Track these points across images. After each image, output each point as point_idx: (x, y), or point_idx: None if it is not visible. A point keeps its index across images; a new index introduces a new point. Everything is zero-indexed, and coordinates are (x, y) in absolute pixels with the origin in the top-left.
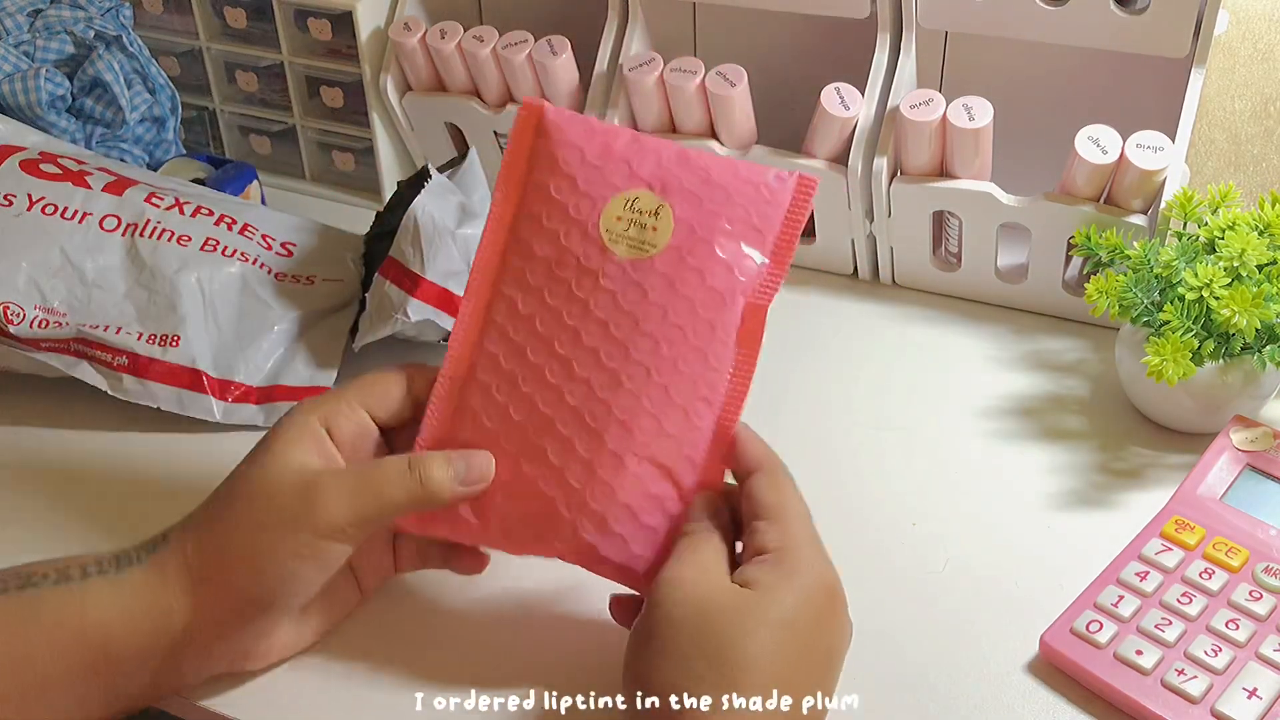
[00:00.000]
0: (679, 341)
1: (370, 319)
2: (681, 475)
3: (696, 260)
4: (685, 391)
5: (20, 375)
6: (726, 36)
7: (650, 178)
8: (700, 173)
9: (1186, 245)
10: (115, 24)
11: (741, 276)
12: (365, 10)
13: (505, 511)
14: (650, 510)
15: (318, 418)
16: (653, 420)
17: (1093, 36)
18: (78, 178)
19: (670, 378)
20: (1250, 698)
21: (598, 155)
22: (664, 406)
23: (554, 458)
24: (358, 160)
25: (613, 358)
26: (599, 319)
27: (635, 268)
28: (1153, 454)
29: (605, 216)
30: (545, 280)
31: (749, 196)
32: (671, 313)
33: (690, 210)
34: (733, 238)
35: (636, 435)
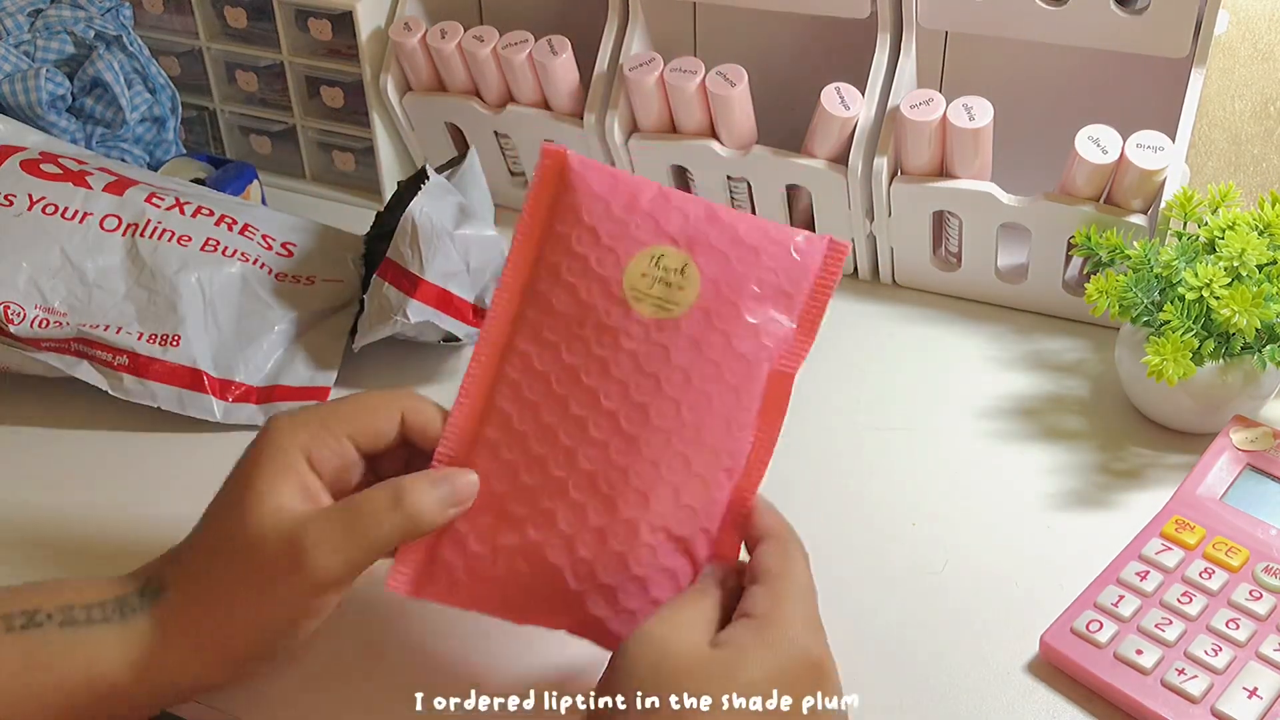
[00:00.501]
0: (702, 408)
1: (369, 320)
2: (697, 548)
3: (723, 323)
4: (706, 461)
5: (20, 375)
6: (727, 36)
7: (677, 234)
8: (728, 231)
9: (1186, 245)
10: (115, 24)
11: (768, 342)
12: (365, 10)
13: (507, 578)
14: (663, 584)
15: (299, 448)
16: (671, 490)
17: (1093, 36)
18: (78, 178)
19: (691, 446)
20: (1250, 697)
21: (623, 208)
22: (683, 476)
23: (564, 525)
24: (358, 160)
25: (632, 422)
26: (619, 380)
27: (659, 328)
28: (1153, 454)
29: (629, 273)
30: (563, 336)
31: (778, 258)
32: (696, 377)
33: (718, 269)
34: (761, 301)
35: (653, 505)
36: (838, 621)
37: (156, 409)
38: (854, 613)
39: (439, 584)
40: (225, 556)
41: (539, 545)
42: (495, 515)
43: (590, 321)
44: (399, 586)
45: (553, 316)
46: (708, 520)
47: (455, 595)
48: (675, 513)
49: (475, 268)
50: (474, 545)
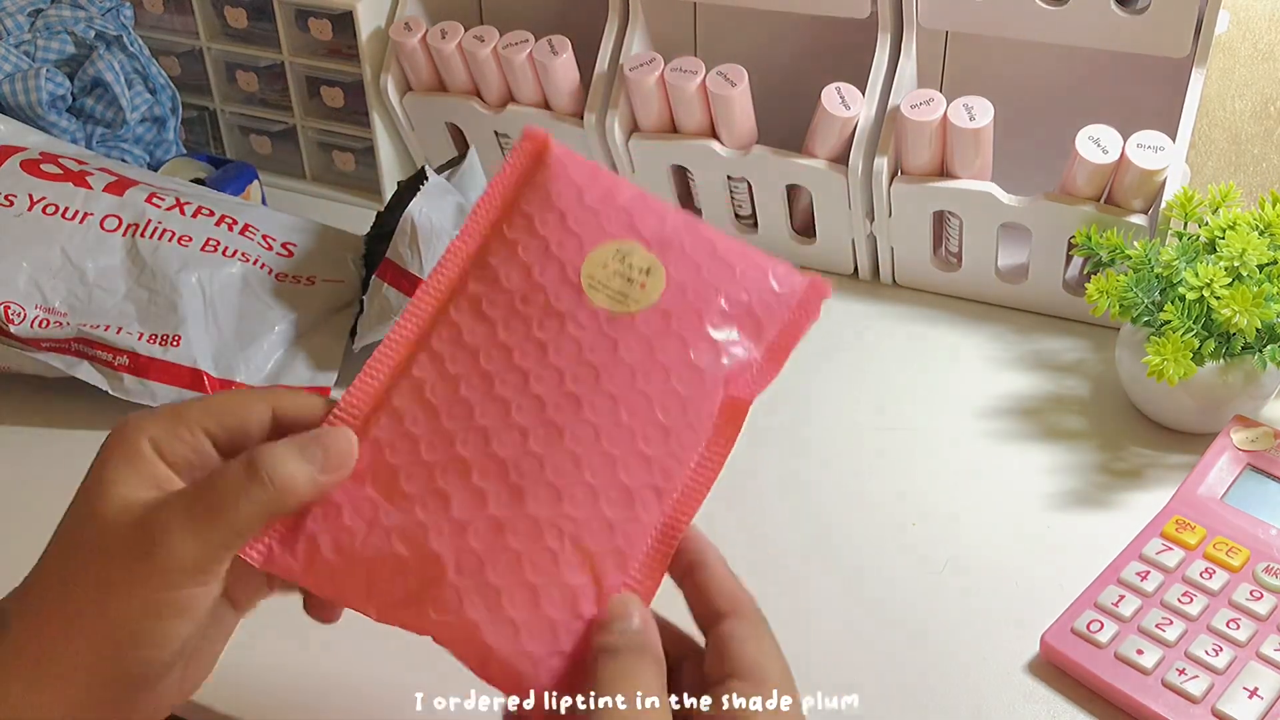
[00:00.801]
0: (642, 412)
1: (369, 321)
2: (606, 572)
3: (683, 329)
4: (636, 471)
5: (20, 375)
6: (727, 36)
7: (649, 235)
8: (706, 243)
9: (1187, 245)
10: (116, 24)
11: (728, 363)
12: (365, 10)
13: (377, 562)
14: (557, 602)
15: (147, 439)
16: (588, 493)
17: (1093, 36)
18: (78, 178)
19: (622, 449)
20: (1251, 697)
21: (597, 199)
22: (606, 480)
23: (458, 509)
24: (358, 160)
25: (560, 411)
26: (555, 366)
27: (612, 320)
28: (1153, 454)
29: (589, 261)
30: (504, 313)
31: (754, 281)
32: (641, 378)
33: (687, 276)
34: (728, 319)
35: (565, 506)
36: (837, 622)
37: None
38: (854, 612)
39: (297, 558)
40: (73, 563)
41: (423, 527)
42: (382, 489)
43: (536, 301)
44: (251, 556)
45: (497, 291)
46: (625, 541)
47: (313, 574)
48: (590, 522)
49: None
50: (348, 518)
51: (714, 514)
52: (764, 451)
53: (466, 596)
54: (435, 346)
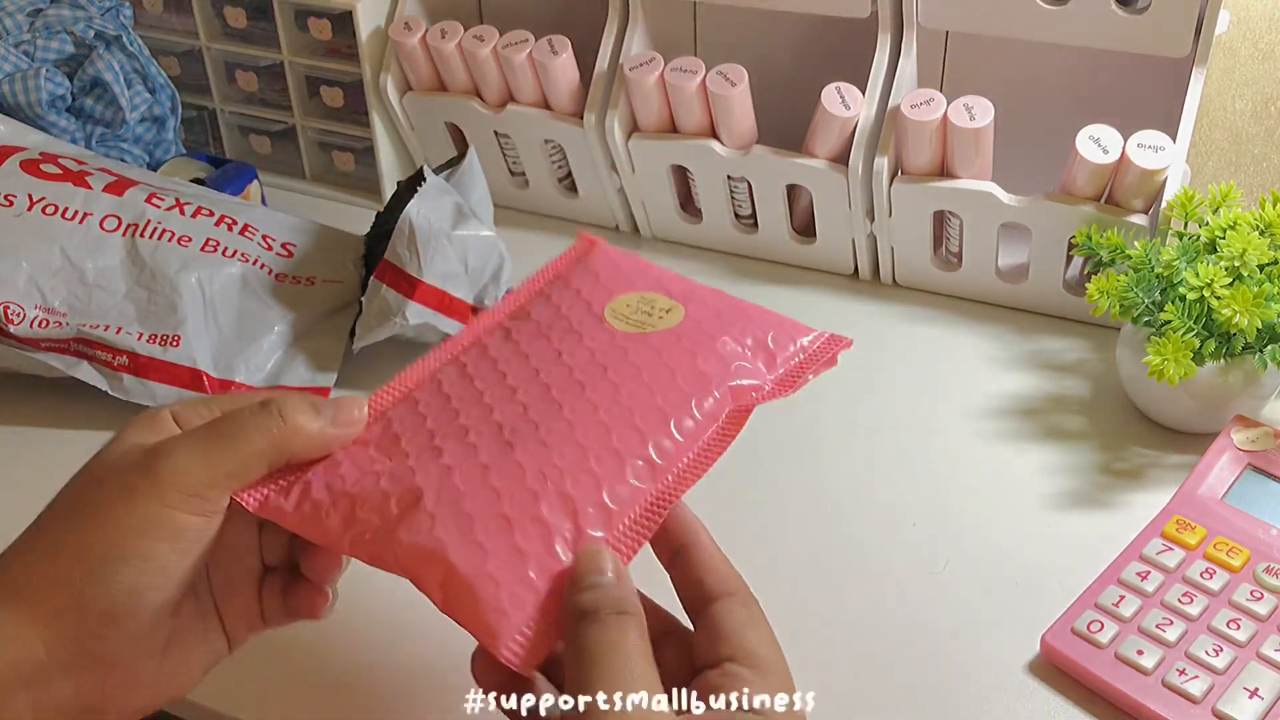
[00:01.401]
0: (641, 395)
1: (368, 322)
2: (588, 521)
3: (693, 345)
4: (630, 441)
5: (20, 375)
6: (727, 36)
7: (676, 291)
8: (731, 301)
9: (1187, 245)
10: (115, 24)
11: (736, 376)
12: (365, 10)
13: (361, 495)
14: (531, 535)
15: (168, 410)
16: (578, 451)
17: (1093, 36)
18: (78, 178)
19: (618, 422)
20: (1251, 698)
21: (631, 268)
22: (598, 445)
23: (448, 458)
24: (358, 160)
25: (564, 392)
26: (566, 365)
27: (625, 336)
28: (1153, 454)
29: (615, 302)
30: (528, 336)
31: (772, 326)
32: (646, 373)
33: (704, 315)
34: (741, 346)
35: (553, 456)
36: (837, 622)
37: None
38: (854, 612)
39: (288, 501)
40: (69, 494)
41: (411, 470)
42: (383, 450)
43: (559, 326)
44: (247, 501)
45: (525, 323)
46: (613, 499)
47: (299, 514)
48: (575, 472)
49: (474, 268)
50: (345, 469)
51: (714, 514)
52: (764, 451)
53: (439, 521)
54: (462, 359)
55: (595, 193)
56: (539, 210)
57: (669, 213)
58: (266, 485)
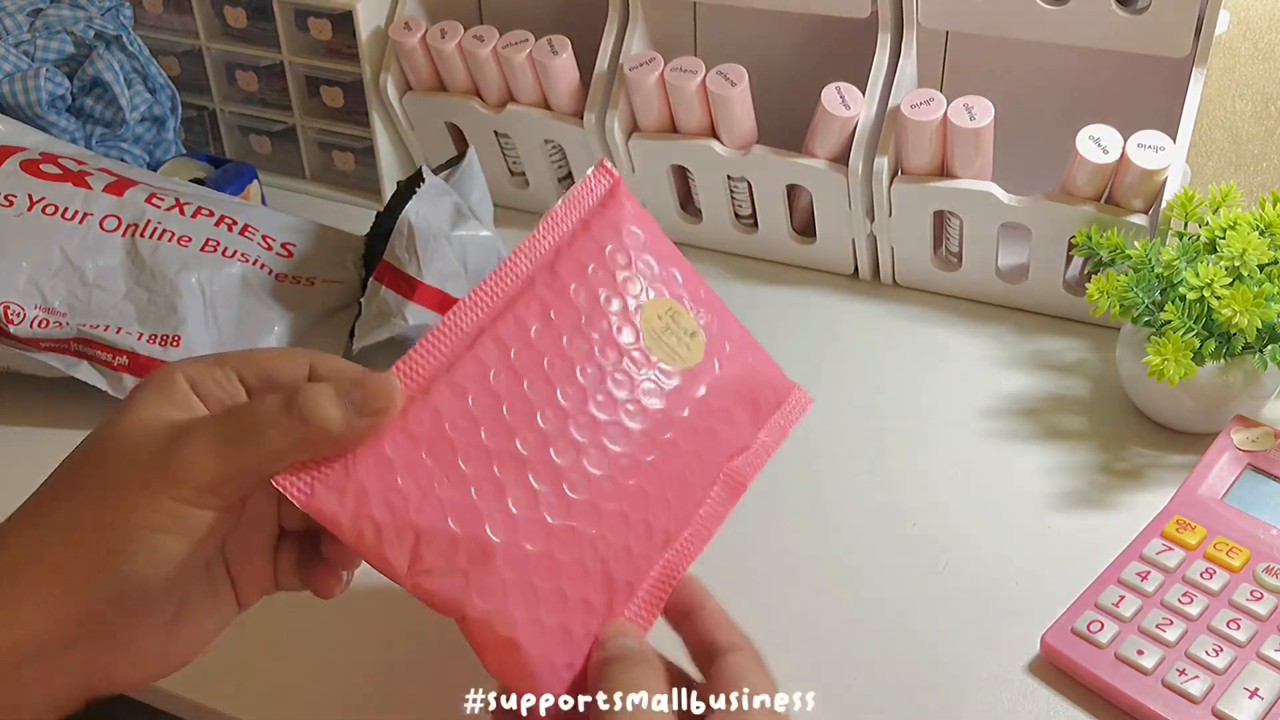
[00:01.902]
0: (675, 464)
1: (367, 323)
2: (618, 599)
3: (711, 413)
4: (660, 513)
5: (20, 375)
6: (727, 36)
7: (698, 303)
8: (739, 333)
9: (1187, 245)
10: (115, 23)
11: (735, 452)
12: (365, 10)
13: (429, 530)
14: (579, 618)
15: (182, 374)
16: (623, 523)
17: (1094, 36)
18: (78, 178)
19: (655, 492)
20: (1251, 698)
21: (660, 254)
22: (638, 516)
23: (514, 505)
24: (358, 160)
25: (615, 440)
26: (614, 397)
27: (663, 374)
28: (1153, 454)
29: (648, 308)
30: (568, 326)
31: (765, 375)
32: (683, 443)
33: (722, 364)
34: (746, 410)
35: (605, 530)
36: (837, 621)
37: None
38: (854, 613)
39: (345, 506)
40: (79, 472)
41: (478, 511)
42: (438, 461)
43: (599, 327)
44: (291, 492)
45: (564, 302)
46: (635, 575)
47: (358, 526)
48: (618, 549)
49: (473, 269)
50: (402, 481)
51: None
52: None
53: (511, 591)
54: (502, 335)
55: None
56: (539, 210)
57: (669, 213)
58: (309, 472)
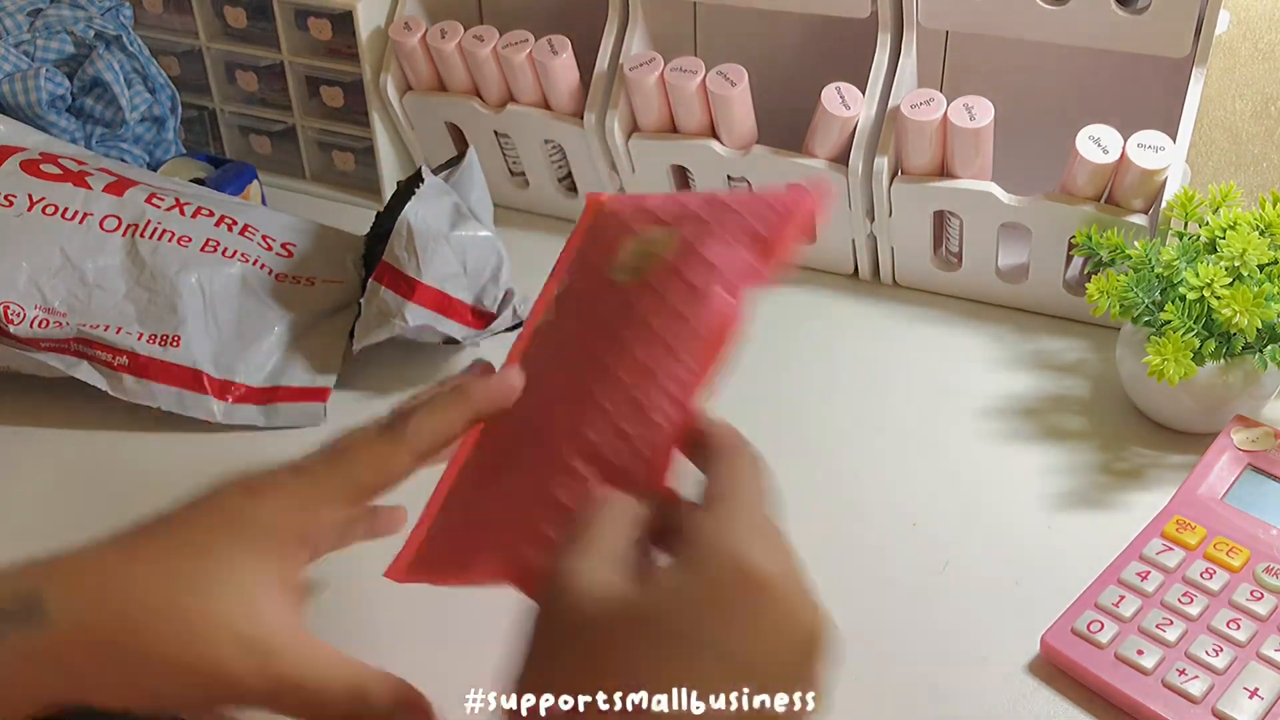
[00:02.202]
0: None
1: (367, 324)
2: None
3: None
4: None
5: (20, 375)
6: (727, 36)
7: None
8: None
9: (1187, 245)
10: (115, 23)
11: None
12: (365, 10)
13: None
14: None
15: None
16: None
17: (1093, 36)
18: (78, 178)
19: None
20: (1251, 697)
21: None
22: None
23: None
24: (358, 160)
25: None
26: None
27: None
28: (1153, 454)
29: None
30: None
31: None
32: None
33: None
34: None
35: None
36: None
37: (157, 409)
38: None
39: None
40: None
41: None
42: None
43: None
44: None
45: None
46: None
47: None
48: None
49: (472, 269)
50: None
51: None
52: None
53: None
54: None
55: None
56: (539, 210)
57: None
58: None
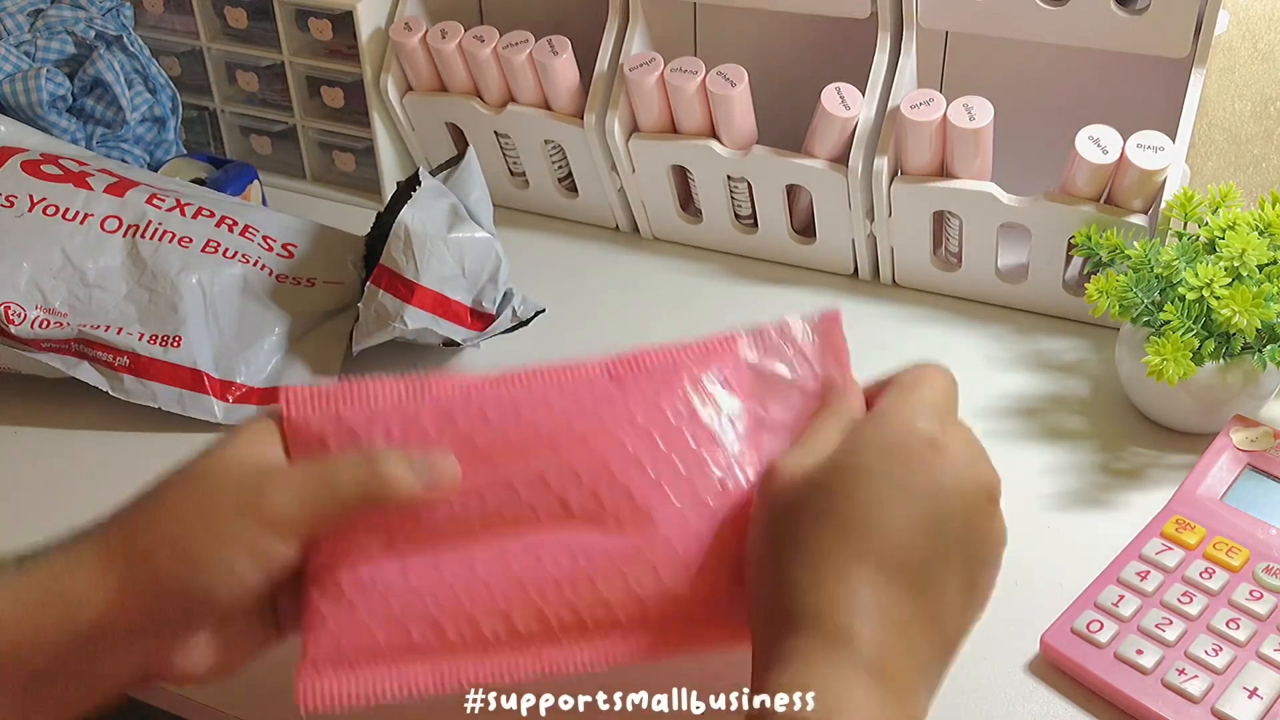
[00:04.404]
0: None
1: (366, 327)
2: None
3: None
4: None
5: (20, 375)
6: (727, 36)
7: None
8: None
9: (1187, 245)
10: (116, 24)
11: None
12: (366, 10)
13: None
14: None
15: (275, 425)
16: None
17: (1093, 36)
18: (79, 179)
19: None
20: (1251, 697)
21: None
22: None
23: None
24: (358, 160)
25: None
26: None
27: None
28: (1153, 454)
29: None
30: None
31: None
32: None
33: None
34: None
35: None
36: None
37: (157, 410)
38: None
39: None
40: (183, 486)
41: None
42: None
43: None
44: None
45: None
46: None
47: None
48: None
49: (471, 270)
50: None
51: None
52: None
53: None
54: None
55: (595, 193)
56: (539, 210)
57: (669, 213)
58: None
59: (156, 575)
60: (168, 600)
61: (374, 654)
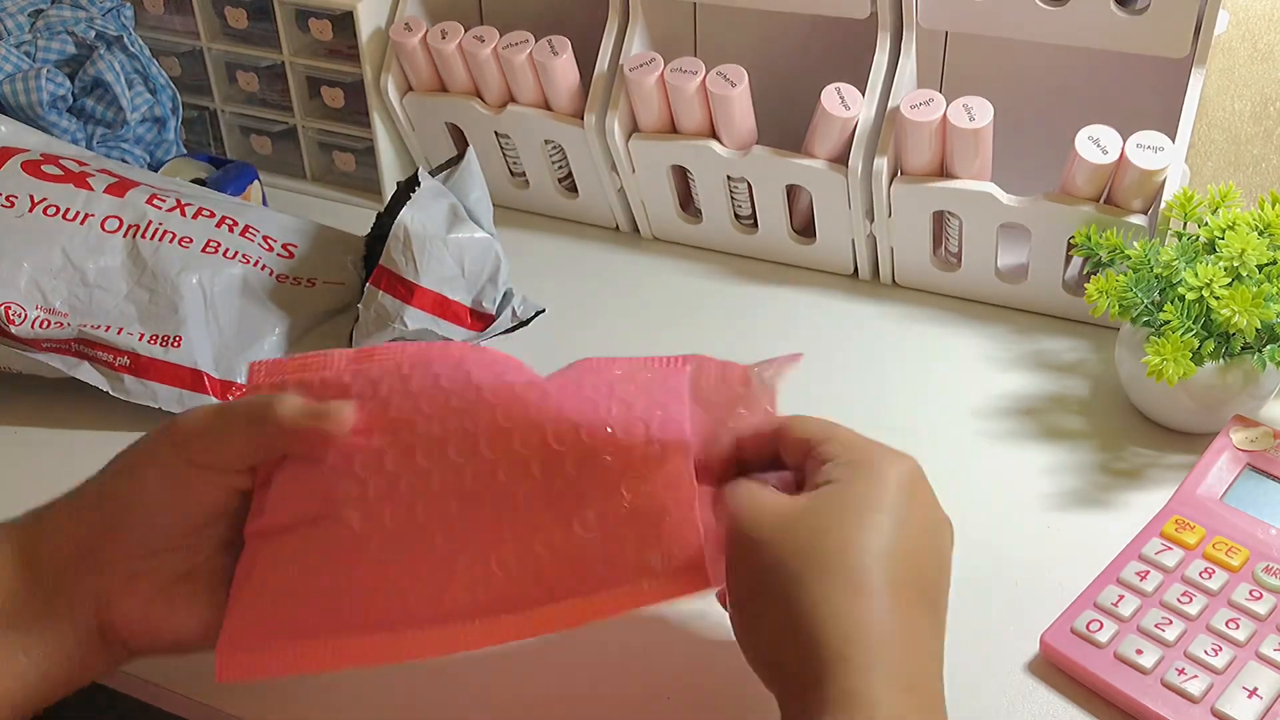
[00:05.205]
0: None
1: (366, 328)
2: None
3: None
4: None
5: (20, 375)
6: (727, 36)
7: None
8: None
9: (1186, 245)
10: (116, 24)
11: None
12: (366, 10)
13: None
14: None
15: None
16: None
17: (1093, 36)
18: (79, 179)
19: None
20: (1251, 697)
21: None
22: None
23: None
24: (358, 160)
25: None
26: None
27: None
28: (1153, 454)
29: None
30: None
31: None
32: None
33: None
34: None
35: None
36: None
37: (157, 410)
38: None
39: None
40: (116, 465)
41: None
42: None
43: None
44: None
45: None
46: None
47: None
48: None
49: (470, 271)
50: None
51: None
52: None
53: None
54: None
55: (595, 193)
56: (539, 210)
57: (669, 213)
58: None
59: (100, 490)
60: (94, 531)
61: (294, 627)
